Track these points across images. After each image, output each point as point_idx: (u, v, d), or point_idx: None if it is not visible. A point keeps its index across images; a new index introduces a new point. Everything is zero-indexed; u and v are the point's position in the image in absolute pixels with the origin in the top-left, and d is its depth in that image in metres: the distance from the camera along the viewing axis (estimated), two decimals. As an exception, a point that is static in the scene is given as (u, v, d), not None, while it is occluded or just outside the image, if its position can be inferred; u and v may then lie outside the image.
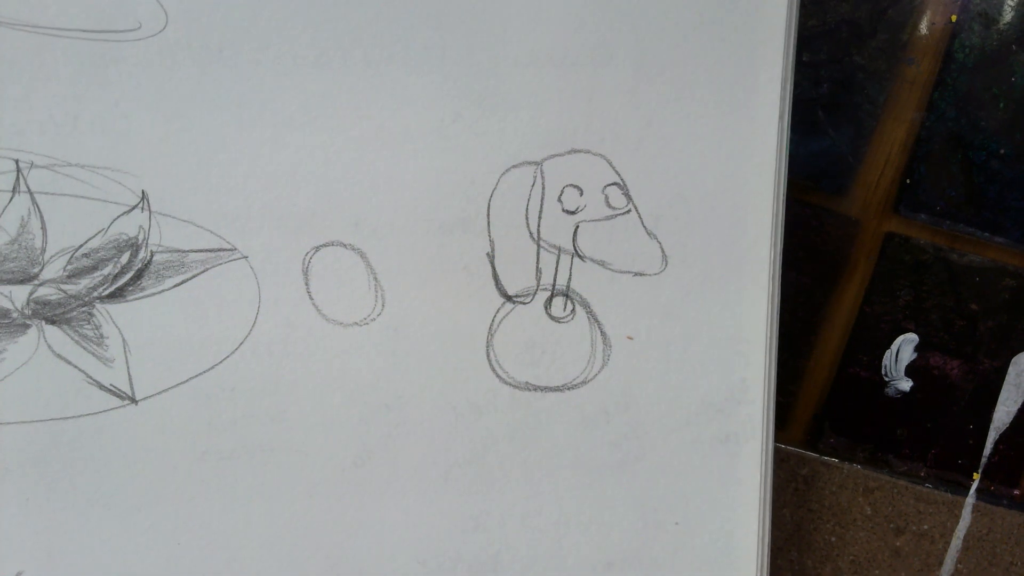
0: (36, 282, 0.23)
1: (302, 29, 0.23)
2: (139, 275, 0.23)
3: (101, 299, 0.23)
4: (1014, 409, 0.33)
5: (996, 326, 0.33)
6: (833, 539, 0.34)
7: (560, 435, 0.25)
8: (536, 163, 0.24)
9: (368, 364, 0.24)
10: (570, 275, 0.25)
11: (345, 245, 0.24)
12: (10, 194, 0.22)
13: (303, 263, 0.24)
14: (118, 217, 0.23)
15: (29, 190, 0.22)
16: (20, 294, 0.23)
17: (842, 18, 0.31)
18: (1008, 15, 0.30)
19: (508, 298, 0.25)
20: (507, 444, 0.25)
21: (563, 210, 0.24)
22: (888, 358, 0.33)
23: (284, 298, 0.24)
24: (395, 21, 0.23)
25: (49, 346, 0.23)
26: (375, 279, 0.24)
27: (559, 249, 0.25)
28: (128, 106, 0.23)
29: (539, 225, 0.24)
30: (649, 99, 0.24)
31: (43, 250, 0.23)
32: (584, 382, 0.25)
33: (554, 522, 0.25)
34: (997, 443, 0.34)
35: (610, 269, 0.25)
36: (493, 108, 0.24)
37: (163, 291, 0.23)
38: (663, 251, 0.25)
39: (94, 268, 0.23)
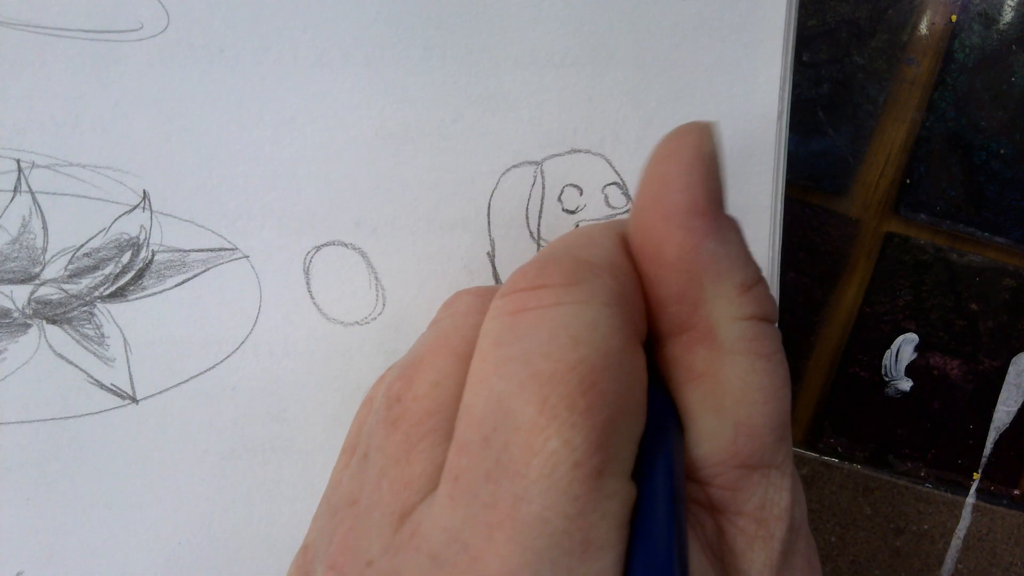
0: (37, 282, 0.23)
1: (303, 30, 0.23)
2: (140, 274, 0.23)
3: (102, 298, 0.23)
4: (1014, 409, 0.33)
5: (996, 326, 0.33)
6: (833, 539, 0.34)
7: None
8: (536, 163, 0.24)
9: (369, 364, 0.24)
10: (570, 275, 0.25)
11: (346, 245, 0.24)
12: (11, 194, 0.22)
13: (304, 262, 0.24)
14: (119, 216, 0.23)
15: (30, 190, 0.22)
16: (21, 294, 0.23)
17: (842, 18, 0.31)
18: (1008, 15, 0.30)
19: (508, 298, 0.25)
20: (507, 444, 0.25)
21: (563, 210, 0.24)
22: (888, 358, 0.33)
23: (285, 297, 0.24)
24: (396, 21, 0.23)
25: (50, 346, 0.23)
26: (376, 279, 0.24)
27: (559, 249, 0.25)
28: (129, 106, 0.23)
29: (539, 225, 0.24)
30: (649, 99, 0.24)
31: (44, 250, 0.23)
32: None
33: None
34: (997, 443, 0.34)
35: (610, 269, 0.25)
36: (493, 108, 0.24)
37: (164, 290, 0.23)
38: (663, 251, 0.25)
39: (95, 268, 0.23)
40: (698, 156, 0.16)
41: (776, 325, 0.17)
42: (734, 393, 0.16)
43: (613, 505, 0.14)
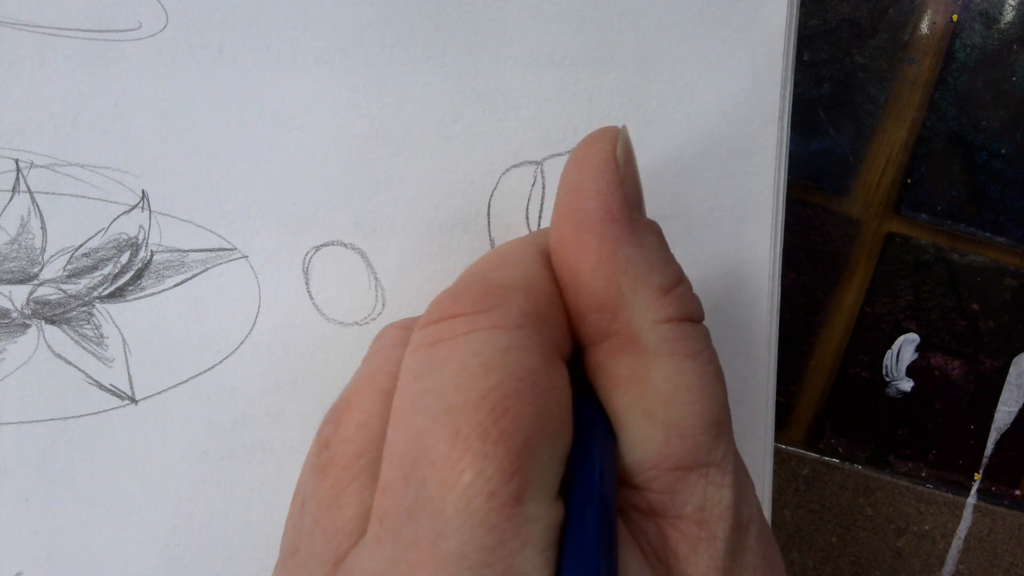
0: (36, 282, 0.23)
1: (302, 29, 0.23)
2: (139, 275, 0.23)
3: (101, 299, 0.23)
4: (1015, 409, 0.33)
5: (997, 326, 0.33)
6: (834, 540, 0.34)
7: (560, 435, 0.25)
8: (536, 163, 0.24)
9: (368, 364, 0.24)
10: (570, 275, 0.25)
11: (345, 245, 0.24)
12: (10, 194, 0.22)
13: (303, 262, 0.24)
14: (118, 217, 0.23)
15: (29, 190, 0.22)
16: (20, 294, 0.23)
17: (843, 17, 0.31)
18: (1009, 15, 0.30)
19: (508, 298, 0.25)
20: (507, 444, 0.25)
21: (563, 210, 0.24)
22: (889, 358, 0.33)
23: (284, 297, 0.24)
24: (395, 21, 0.23)
25: (49, 346, 0.23)
26: (375, 279, 0.24)
27: (559, 249, 0.25)
28: (128, 105, 0.23)
29: (539, 224, 0.24)
30: (649, 99, 0.24)
31: (43, 250, 0.23)
32: (584, 382, 0.25)
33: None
34: (998, 443, 0.34)
35: (610, 269, 0.25)
36: (493, 108, 0.24)
37: (163, 291, 0.23)
38: (663, 251, 0.25)
39: (94, 268, 0.23)
40: (609, 161, 0.16)
41: (702, 324, 0.17)
42: (662, 396, 0.16)
43: (535, 530, 0.13)
